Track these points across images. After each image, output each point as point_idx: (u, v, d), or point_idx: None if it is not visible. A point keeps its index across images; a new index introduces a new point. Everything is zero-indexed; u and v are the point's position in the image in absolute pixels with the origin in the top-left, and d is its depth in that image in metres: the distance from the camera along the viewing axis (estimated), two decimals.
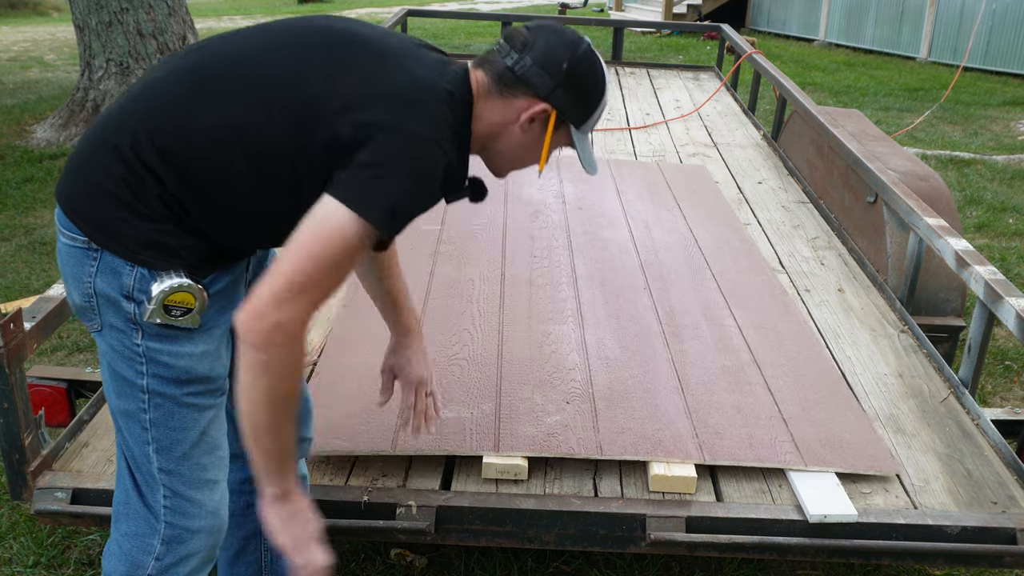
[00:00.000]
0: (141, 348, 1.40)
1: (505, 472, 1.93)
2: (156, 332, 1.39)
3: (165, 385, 1.42)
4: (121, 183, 1.35)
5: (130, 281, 1.37)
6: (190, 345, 1.42)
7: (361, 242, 1.30)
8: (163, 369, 1.41)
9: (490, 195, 1.61)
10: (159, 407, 1.42)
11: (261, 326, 1.27)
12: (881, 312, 2.79)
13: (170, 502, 1.46)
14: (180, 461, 1.45)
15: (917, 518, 1.87)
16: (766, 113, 7.24)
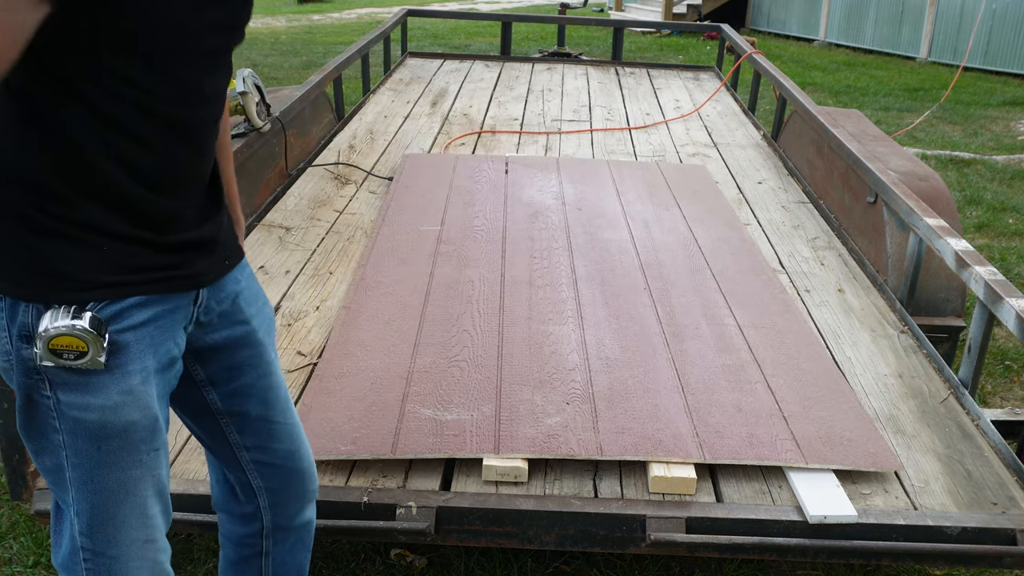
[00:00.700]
0: (51, 401, 1.22)
1: (505, 475, 1.93)
2: (62, 381, 1.21)
3: (79, 441, 1.24)
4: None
5: (27, 319, 1.19)
6: (101, 396, 1.22)
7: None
8: (74, 425, 1.23)
9: (490, 196, 1.60)
10: (76, 467, 1.25)
11: None
12: (881, 312, 2.79)
13: (91, 564, 1.31)
14: (104, 523, 1.29)
15: (917, 519, 1.87)
16: (766, 113, 7.24)
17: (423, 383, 2.21)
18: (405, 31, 6.61)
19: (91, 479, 1.26)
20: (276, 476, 1.57)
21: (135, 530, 1.32)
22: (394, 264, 2.88)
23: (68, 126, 1.15)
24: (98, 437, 1.24)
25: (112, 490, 1.28)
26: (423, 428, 2.03)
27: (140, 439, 1.27)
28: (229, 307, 1.40)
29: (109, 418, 1.23)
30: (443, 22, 14.83)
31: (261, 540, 1.64)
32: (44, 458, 1.28)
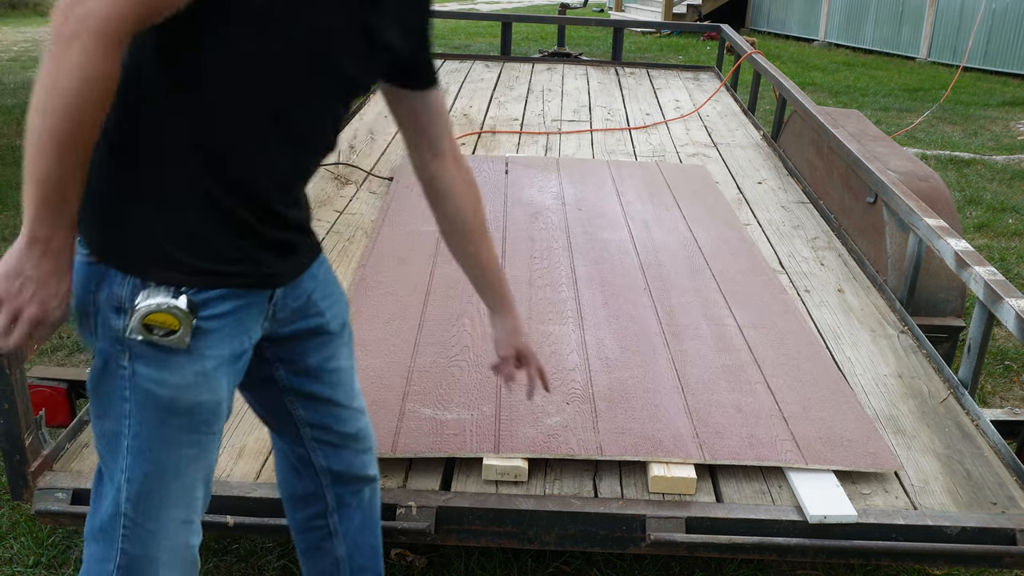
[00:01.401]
0: (127, 371, 1.28)
1: (505, 474, 1.93)
2: (142, 354, 1.27)
3: (146, 413, 1.30)
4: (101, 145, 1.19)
5: (122, 291, 1.25)
6: (178, 375, 1.28)
7: None
8: (146, 396, 1.29)
9: (490, 196, 1.61)
10: (138, 436, 1.30)
11: (61, 14, 1.07)
12: (881, 312, 2.80)
13: (129, 531, 1.35)
14: (149, 495, 1.33)
15: (917, 519, 1.87)
16: (766, 113, 7.24)
17: (423, 382, 2.21)
18: None
19: (149, 450, 1.31)
20: (337, 457, 1.61)
21: (178, 508, 1.36)
22: (394, 264, 2.88)
23: (216, 119, 1.22)
24: (166, 412, 1.30)
25: (166, 466, 1.32)
26: (423, 427, 2.03)
27: (203, 420, 1.33)
28: (304, 303, 1.46)
29: (180, 396, 1.29)
30: (443, 22, 14.81)
31: (326, 520, 1.67)
32: (104, 422, 1.32)
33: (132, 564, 1.36)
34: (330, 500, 1.65)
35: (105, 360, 1.29)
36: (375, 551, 1.74)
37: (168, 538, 1.37)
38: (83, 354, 3.60)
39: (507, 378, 1.75)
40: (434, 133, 1.54)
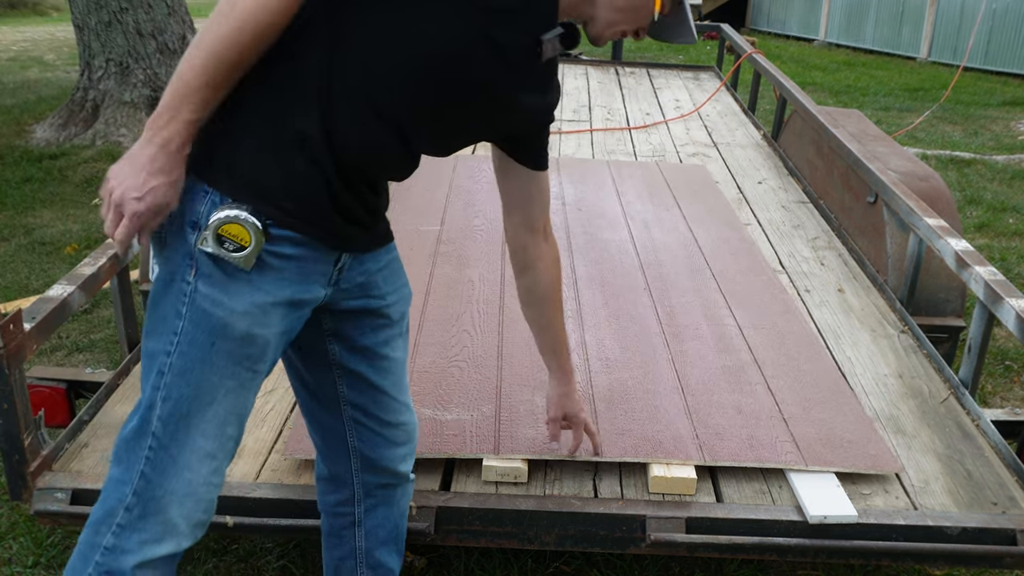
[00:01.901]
0: (190, 287, 1.30)
1: (505, 475, 1.93)
2: (207, 272, 1.29)
3: (197, 331, 1.31)
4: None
5: (201, 207, 1.29)
6: (235, 299, 1.31)
7: None
8: (201, 315, 1.30)
9: (490, 196, 1.63)
10: (183, 355, 1.31)
11: None
12: (881, 312, 2.79)
13: (152, 453, 1.34)
14: (181, 418, 1.33)
15: (917, 519, 1.87)
16: (766, 113, 7.24)
17: (423, 383, 2.20)
18: None
19: (191, 371, 1.32)
20: (371, 443, 1.62)
21: (206, 438, 1.36)
22: None
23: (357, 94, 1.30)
24: (217, 335, 1.31)
25: (204, 389, 1.33)
26: (423, 428, 2.02)
27: (248, 354, 1.34)
28: (367, 280, 1.50)
29: (234, 321, 1.31)
30: None
31: (353, 508, 1.68)
32: (152, 339, 1.34)
33: (148, 489, 1.34)
34: (357, 487, 1.66)
35: (171, 274, 1.32)
36: (396, 552, 1.75)
37: (190, 468, 1.35)
38: (83, 354, 3.59)
39: (552, 436, 1.93)
40: (535, 211, 1.67)
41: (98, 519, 1.37)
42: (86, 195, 5.65)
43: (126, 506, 1.35)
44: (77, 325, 3.83)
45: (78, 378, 2.26)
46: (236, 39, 1.21)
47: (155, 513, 1.35)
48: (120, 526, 1.35)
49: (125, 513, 1.35)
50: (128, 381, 2.29)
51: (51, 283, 3.71)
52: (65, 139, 6.79)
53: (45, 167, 6.13)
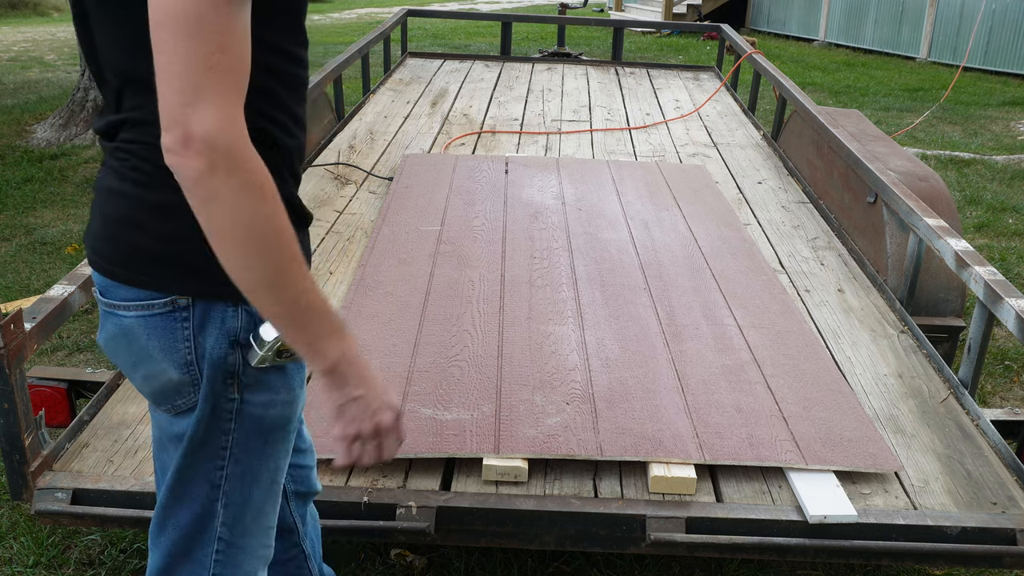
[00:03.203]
0: (234, 404, 1.20)
1: (505, 474, 1.93)
2: (252, 381, 1.20)
3: (250, 438, 1.24)
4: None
5: (236, 323, 1.16)
6: (284, 392, 1.24)
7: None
8: (252, 422, 1.23)
9: (490, 196, 1.61)
10: (239, 462, 1.25)
11: (189, 151, 0.96)
12: (881, 312, 2.79)
13: (221, 556, 1.30)
14: (245, 512, 1.30)
15: (917, 519, 1.87)
16: (766, 113, 7.24)
17: (423, 383, 2.21)
18: (405, 31, 6.61)
19: (250, 471, 1.26)
20: (300, 477, 1.59)
21: (269, 517, 1.34)
22: (394, 264, 2.88)
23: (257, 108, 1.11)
24: (267, 432, 1.25)
25: (265, 482, 1.29)
26: (423, 428, 2.03)
27: (291, 430, 1.30)
28: None
29: (284, 413, 1.26)
30: (443, 22, 14.83)
31: (301, 546, 1.65)
32: (196, 463, 1.24)
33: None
34: (299, 526, 1.62)
35: (213, 404, 1.20)
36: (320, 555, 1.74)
37: (259, 549, 1.35)
38: (83, 354, 3.60)
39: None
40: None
41: None
42: (87, 195, 5.65)
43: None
44: (78, 325, 3.83)
45: (79, 378, 2.26)
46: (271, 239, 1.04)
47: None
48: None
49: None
50: (128, 381, 2.29)
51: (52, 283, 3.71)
52: (66, 139, 6.79)
53: (46, 167, 6.13)
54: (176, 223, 1.10)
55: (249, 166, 0.99)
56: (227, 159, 0.97)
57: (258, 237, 1.01)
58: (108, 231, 1.16)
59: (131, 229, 1.14)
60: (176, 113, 0.95)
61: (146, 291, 1.15)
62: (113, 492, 1.88)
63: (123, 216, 1.14)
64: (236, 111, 0.98)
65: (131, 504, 1.88)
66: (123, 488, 1.88)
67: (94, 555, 2.44)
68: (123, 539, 2.47)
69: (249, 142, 0.99)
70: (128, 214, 1.14)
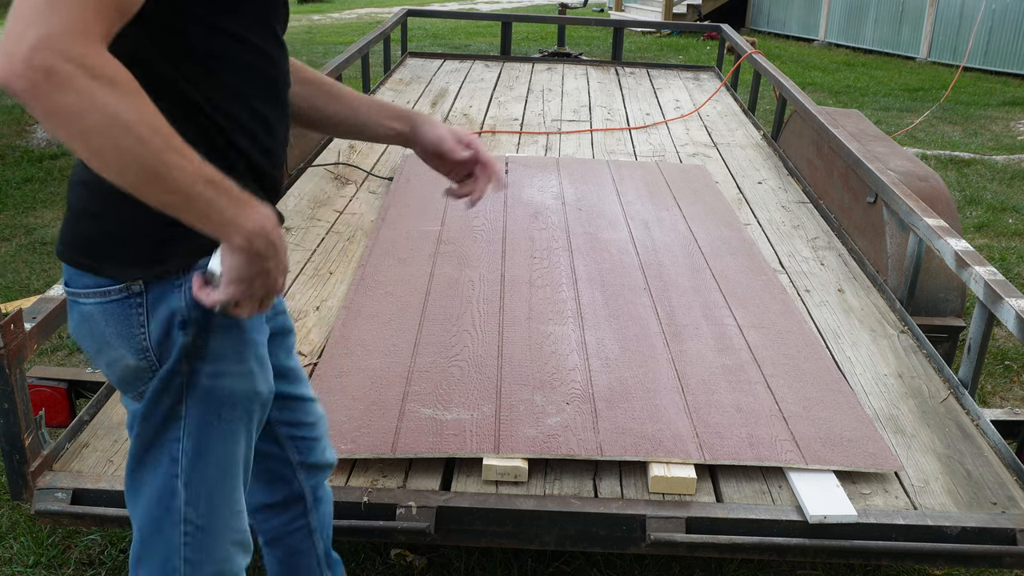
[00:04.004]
0: (183, 377, 1.22)
1: (505, 474, 1.93)
2: (201, 355, 1.21)
3: (204, 411, 1.25)
4: None
5: (180, 302, 1.18)
6: (235, 363, 1.25)
7: None
8: (203, 392, 1.24)
9: (490, 196, 1.59)
10: (193, 436, 1.26)
11: (16, 59, 0.91)
12: (881, 312, 2.79)
13: (190, 538, 1.30)
14: (206, 492, 1.30)
15: (917, 519, 1.87)
16: (766, 113, 7.24)
17: (423, 383, 2.21)
18: (405, 31, 6.61)
19: (207, 448, 1.27)
20: (309, 448, 1.61)
21: (235, 502, 1.34)
22: (394, 264, 2.88)
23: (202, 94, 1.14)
24: (220, 404, 1.25)
25: (225, 462, 1.29)
26: (423, 428, 2.03)
27: (252, 412, 1.30)
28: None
29: (237, 386, 1.25)
30: (443, 22, 14.83)
31: (307, 519, 1.66)
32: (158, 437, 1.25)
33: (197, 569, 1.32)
34: (308, 497, 1.64)
35: (164, 379, 1.22)
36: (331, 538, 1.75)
37: (229, 529, 1.34)
38: (83, 354, 3.60)
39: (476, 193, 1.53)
40: None
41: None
42: None
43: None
44: None
45: (79, 378, 2.26)
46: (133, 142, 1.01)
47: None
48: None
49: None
50: None
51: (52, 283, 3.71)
52: None
53: (46, 167, 6.13)
54: (126, 210, 1.10)
55: (89, 63, 0.94)
56: (60, 62, 0.92)
57: (115, 135, 0.96)
58: (71, 220, 1.20)
59: (88, 218, 1.17)
60: (9, 34, 0.92)
61: (103, 278, 1.17)
62: (113, 492, 1.88)
63: (82, 206, 1.18)
64: (82, 21, 0.94)
65: None
66: (123, 488, 1.88)
67: (94, 555, 2.44)
68: (123, 539, 2.47)
69: (94, 48, 0.95)
70: (86, 204, 1.17)
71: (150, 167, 0.99)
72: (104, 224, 1.17)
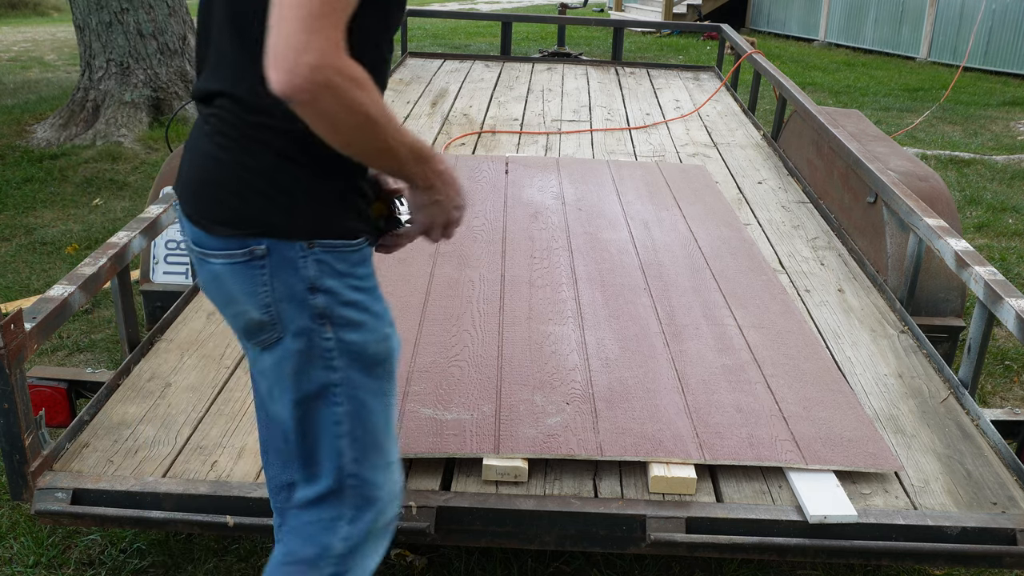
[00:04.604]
0: (332, 342, 1.36)
1: (505, 474, 1.93)
2: (345, 321, 1.36)
3: (359, 375, 1.39)
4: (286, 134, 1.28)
5: (308, 272, 1.33)
6: (376, 327, 1.39)
7: None
8: (353, 358, 1.38)
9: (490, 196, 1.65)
10: (352, 399, 1.40)
11: (301, 77, 1.13)
12: (881, 312, 2.79)
13: (353, 491, 1.45)
14: (369, 448, 1.44)
15: (917, 519, 1.87)
16: (766, 113, 7.24)
17: (423, 383, 2.21)
18: (405, 31, 6.61)
19: (364, 407, 1.41)
20: None
21: (389, 452, 1.48)
22: (394, 264, 2.88)
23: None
24: (370, 365, 1.40)
25: (381, 417, 1.44)
26: (423, 428, 2.03)
27: (393, 369, 1.45)
28: None
29: (381, 347, 1.41)
30: (443, 22, 14.83)
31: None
32: (311, 402, 1.39)
33: (359, 518, 1.46)
34: None
35: (308, 342, 1.35)
36: None
37: (389, 481, 1.48)
38: (83, 354, 3.60)
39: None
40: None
41: (310, 558, 1.46)
42: (87, 195, 5.65)
43: (342, 536, 1.46)
44: (78, 325, 3.83)
45: (79, 378, 2.26)
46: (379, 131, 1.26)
47: (369, 532, 1.48)
48: (342, 556, 1.47)
49: (342, 543, 1.46)
50: (128, 381, 2.29)
51: (52, 283, 3.71)
52: (66, 139, 6.79)
53: (46, 167, 6.13)
54: (253, 180, 1.30)
55: (350, 73, 1.16)
56: (334, 80, 1.14)
57: (367, 126, 1.21)
58: (201, 188, 1.35)
59: (217, 186, 1.33)
60: (285, 49, 1.12)
61: (230, 240, 1.32)
62: (113, 492, 1.88)
63: (210, 175, 1.33)
64: (339, 38, 1.15)
65: (131, 504, 1.88)
66: (123, 488, 1.88)
67: (94, 555, 2.44)
68: (123, 539, 2.47)
69: (348, 59, 1.16)
70: (215, 173, 1.33)
71: (383, 147, 1.25)
72: (233, 192, 1.31)
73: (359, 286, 1.37)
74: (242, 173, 1.30)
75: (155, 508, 1.88)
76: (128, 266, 2.39)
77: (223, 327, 2.59)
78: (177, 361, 2.40)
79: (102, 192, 5.74)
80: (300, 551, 1.47)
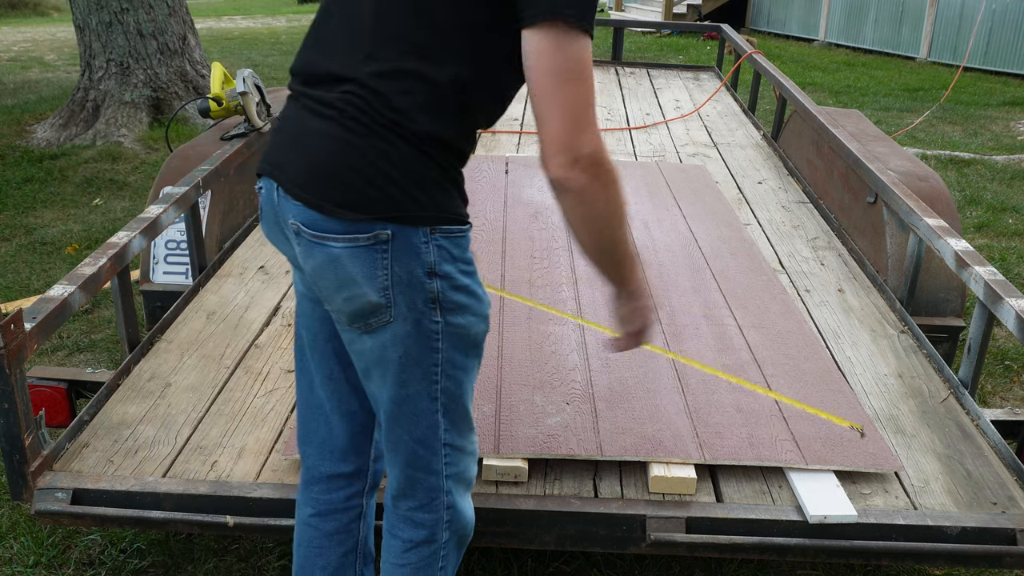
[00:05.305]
0: (440, 325, 1.41)
1: (505, 474, 1.93)
2: (452, 306, 1.40)
3: (458, 355, 1.45)
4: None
5: (430, 257, 1.37)
6: (479, 313, 1.45)
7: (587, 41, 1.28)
8: (456, 340, 1.43)
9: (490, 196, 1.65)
10: (451, 377, 1.46)
11: (580, 167, 1.25)
12: (881, 312, 2.79)
13: (450, 458, 1.52)
14: (461, 419, 1.52)
15: (917, 519, 1.87)
16: (766, 113, 7.24)
17: None
18: None
19: (458, 384, 1.48)
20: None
21: (471, 420, 1.56)
22: None
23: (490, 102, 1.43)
24: (468, 347, 1.47)
25: (469, 390, 1.52)
26: None
27: (483, 346, 1.52)
28: None
29: (480, 330, 1.47)
30: None
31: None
32: (411, 383, 1.45)
33: (456, 488, 1.56)
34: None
35: (416, 324, 1.39)
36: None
37: (473, 452, 1.58)
38: (83, 354, 3.60)
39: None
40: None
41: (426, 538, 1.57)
42: (87, 195, 5.65)
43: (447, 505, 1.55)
44: (78, 325, 3.83)
45: (79, 378, 2.26)
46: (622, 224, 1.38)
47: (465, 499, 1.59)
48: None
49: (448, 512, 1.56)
50: (128, 381, 2.29)
51: (52, 283, 3.72)
52: (66, 139, 6.79)
53: (46, 167, 6.14)
54: (386, 168, 1.32)
55: (609, 167, 1.28)
56: (604, 170, 1.27)
57: (615, 219, 1.33)
58: (323, 171, 1.34)
59: (347, 171, 1.33)
60: (567, 141, 1.24)
61: (356, 224, 1.33)
62: (113, 492, 1.88)
63: (339, 159, 1.33)
64: (601, 138, 1.27)
65: (131, 504, 1.88)
66: (123, 488, 1.88)
67: (94, 555, 2.44)
68: (123, 539, 2.47)
69: (606, 149, 1.28)
70: (344, 158, 1.33)
71: (618, 242, 1.38)
72: (361, 178, 1.33)
73: (467, 270, 1.42)
74: (376, 159, 1.32)
75: (155, 508, 1.88)
76: (128, 266, 2.39)
77: (223, 327, 2.59)
78: (177, 361, 2.40)
79: (102, 192, 5.74)
80: (416, 536, 1.56)
